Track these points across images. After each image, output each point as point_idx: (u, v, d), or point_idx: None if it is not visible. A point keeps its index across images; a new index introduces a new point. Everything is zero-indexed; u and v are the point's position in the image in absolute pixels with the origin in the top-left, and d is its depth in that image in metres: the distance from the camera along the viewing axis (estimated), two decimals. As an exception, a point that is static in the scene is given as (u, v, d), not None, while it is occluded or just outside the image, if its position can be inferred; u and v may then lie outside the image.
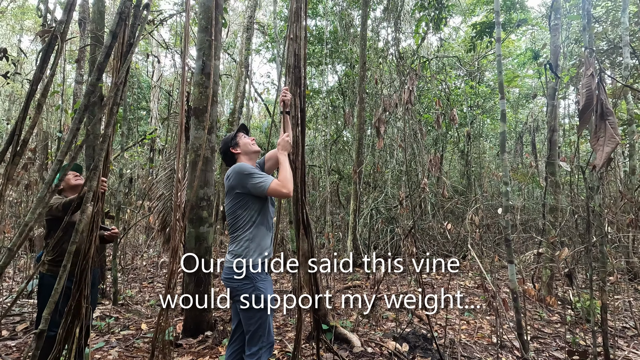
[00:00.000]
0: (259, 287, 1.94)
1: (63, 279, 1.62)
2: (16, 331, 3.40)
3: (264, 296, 1.94)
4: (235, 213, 2.03)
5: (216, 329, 3.39)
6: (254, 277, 1.94)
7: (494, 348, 3.56)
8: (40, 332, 1.52)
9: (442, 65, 10.02)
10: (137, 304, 4.59)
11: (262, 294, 1.94)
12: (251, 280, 1.94)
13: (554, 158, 5.36)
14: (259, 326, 1.94)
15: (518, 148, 11.46)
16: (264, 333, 1.95)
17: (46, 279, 2.38)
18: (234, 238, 2.04)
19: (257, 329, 1.94)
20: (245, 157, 2.14)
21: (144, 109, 14.41)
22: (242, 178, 1.98)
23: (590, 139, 1.38)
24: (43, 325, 1.53)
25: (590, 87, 1.39)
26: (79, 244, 1.72)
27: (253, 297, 1.93)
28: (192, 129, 3.33)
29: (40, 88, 1.83)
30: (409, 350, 3.09)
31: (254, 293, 1.93)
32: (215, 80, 3.33)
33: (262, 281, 1.98)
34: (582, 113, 1.45)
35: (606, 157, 1.36)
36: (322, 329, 2.47)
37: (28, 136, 1.74)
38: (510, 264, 2.85)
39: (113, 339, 3.29)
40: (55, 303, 1.58)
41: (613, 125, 1.34)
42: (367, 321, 4.21)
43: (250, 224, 2.01)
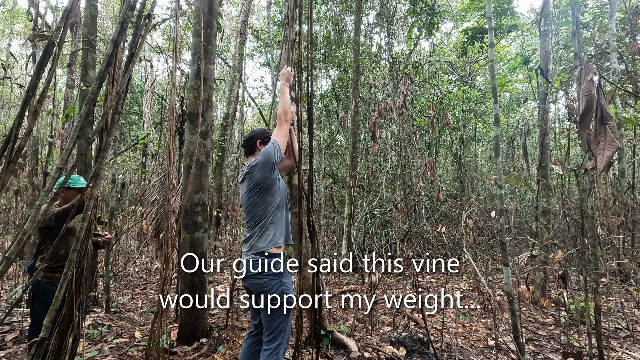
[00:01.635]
0: (285, 283, 2.01)
1: (64, 287, 1.59)
2: (5, 341, 3.31)
3: (288, 293, 2.00)
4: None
5: (211, 335, 3.34)
6: (280, 274, 2.01)
7: (490, 351, 3.57)
8: (41, 340, 1.49)
9: (435, 70, 10.13)
10: (130, 311, 4.51)
11: (287, 290, 2.00)
12: (278, 277, 1.99)
13: (546, 161, 5.43)
14: (282, 321, 1.97)
15: (510, 152, 11.61)
16: (285, 328, 1.98)
17: (41, 286, 2.35)
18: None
19: (279, 325, 1.97)
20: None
21: (136, 113, 14.30)
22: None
23: (590, 144, 1.41)
24: (44, 333, 1.51)
25: (589, 92, 1.41)
26: (73, 253, 1.69)
27: (278, 294, 1.98)
28: (186, 134, 3.31)
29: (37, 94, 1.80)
30: (406, 355, 3.08)
31: (281, 289, 1.98)
32: (210, 84, 3.31)
33: (287, 277, 2.04)
34: (582, 118, 1.47)
35: (607, 160, 1.38)
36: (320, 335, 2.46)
37: (23, 143, 1.71)
38: (506, 266, 2.86)
39: (106, 347, 3.23)
40: (56, 311, 1.55)
41: (613, 130, 1.36)
42: (364, 326, 4.20)
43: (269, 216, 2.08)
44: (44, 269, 2.39)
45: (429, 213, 8.80)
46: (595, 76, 1.54)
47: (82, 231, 1.66)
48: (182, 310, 3.36)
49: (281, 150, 2.04)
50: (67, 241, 2.45)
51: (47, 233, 2.43)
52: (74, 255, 1.60)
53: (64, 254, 2.41)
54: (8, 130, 7.05)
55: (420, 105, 9.82)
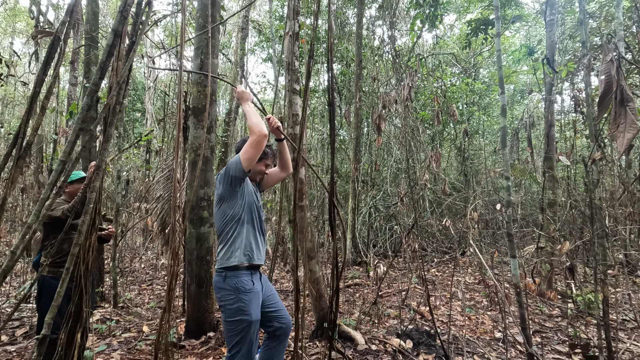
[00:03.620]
0: (243, 300, 1.88)
1: (66, 282, 1.59)
2: (15, 336, 3.35)
3: (243, 314, 1.87)
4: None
5: (218, 329, 3.36)
6: (240, 290, 1.89)
7: (496, 343, 3.57)
8: (43, 338, 1.48)
9: (438, 62, 10.04)
10: (137, 306, 4.55)
11: (244, 309, 1.87)
12: (236, 293, 1.89)
13: (552, 153, 5.38)
14: (239, 339, 1.87)
15: (514, 144, 11.52)
16: (241, 347, 1.86)
17: (46, 281, 2.36)
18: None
19: (235, 341, 1.88)
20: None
21: (138, 110, 14.32)
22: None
23: (609, 126, 1.38)
24: (46, 330, 1.50)
25: (609, 73, 1.38)
26: (75, 247, 1.70)
27: (233, 311, 1.89)
28: (191, 129, 3.30)
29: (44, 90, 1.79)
30: (412, 347, 3.08)
31: (236, 306, 1.88)
32: (214, 79, 3.30)
33: (250, 294, 1.90)
34: (601, 100, 1.44)
35: (627, 143, 1.35)
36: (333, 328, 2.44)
37: (32, 139, 1.71)
38: (513, 258, 2.85)
39: (115, 341, 3.26)
40: (57, 307, 1.55)
41: (633, 112, 1.33)
42: (369, 319, 4.20)
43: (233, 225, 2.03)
44: (49, 264, 2.40)
45: (433, 207, 8.78)
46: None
47: (84, 225, 1.66)
48: (189, 304, 3.38)
49: (249, 162, 1.93)
50: (71, 236, 2.46)
51: (51, 229, 2.44)
52: (76, 249, 1.60)
53: (68, 249, 2.42)
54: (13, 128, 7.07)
55: (424, 98, 9.75)
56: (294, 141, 3.12)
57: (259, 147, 1.91)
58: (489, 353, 3.16)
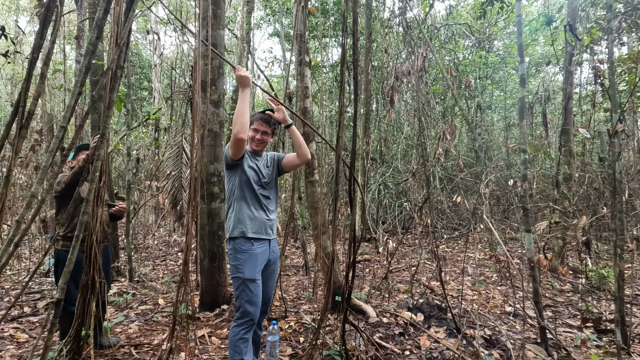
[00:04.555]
0: (239, 259, 2.03)
1: (76, 249, 1.60)
2: (37, 307, 3.48)
3: (238, 272, 2.02)
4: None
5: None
6: (237, 250, 2.05)
7: (507, 317, 3.58)
8: (58, 301, 1.52)
9: (452, 34, 9.64)
10: (152, 281, 4.67)
11: (239, 267, 2.02)
12: (234, 252, 2.06)
13: (569, 126, 5.21)
14: (238, 293, 2.02)
15: (528, 119, 11.19)
16: (242, 303, 2.00)
17: (62, 255, 2.41)
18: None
19: (237, 295, 2.03)
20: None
21: (145, 89, 14.24)
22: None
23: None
24: (59, 294, 1.54)
25: None
26: (86, 218, 1.70)
27: (231, 267, 2.07)
28: (199, 104, 3.24)
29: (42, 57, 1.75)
30: (423, 320, 3.11)
31: (234, 263, 2.04)
32: (221, 51, 3.21)
33: (245, 254, 2.03)
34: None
35: None
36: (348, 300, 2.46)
37: (33, 107, 1.68)
38: (528, 233, 2.80)
39: (132, 313, 3.36)
40: (70, 273, 1.57)
41: None
42: (379, 293, 4.25)
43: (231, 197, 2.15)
44: (62, 237, 2.44)
45: (443, 183, 8.68)
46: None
47: (91, 193, 1.65)
48: (202, 278, 3.44)
49: (234, 154, 2.03)
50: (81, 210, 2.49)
51: (62, 202, 2.46)
52: (84, 217, 1.60)
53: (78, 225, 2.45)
54: (22, 106, 7.00)
55: (436, 72, 9.45)
56: (304, 115, 3.06)
57: (236, 147, 1.99)
58: (499, 326, 3.17)
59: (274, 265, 2.22)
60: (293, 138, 2.21)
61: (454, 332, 2.91)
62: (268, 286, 2.20)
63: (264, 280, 2.15)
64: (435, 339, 2.72)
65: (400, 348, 2.60)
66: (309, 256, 5.47)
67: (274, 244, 2.21)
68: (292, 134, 2.20)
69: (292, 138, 2.21)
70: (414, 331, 2.89)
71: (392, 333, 2.84)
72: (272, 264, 2.19)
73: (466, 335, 2.87)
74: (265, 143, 2.21)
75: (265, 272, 2.16)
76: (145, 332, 2.95)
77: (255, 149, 2.19)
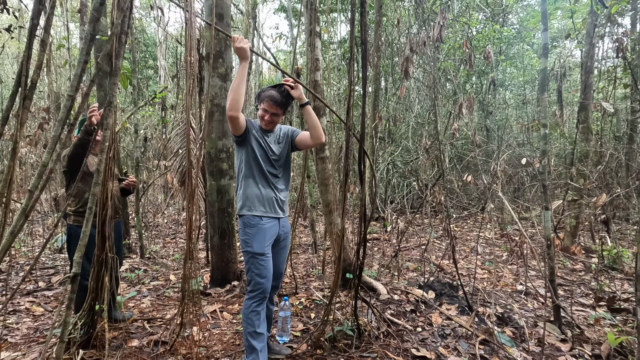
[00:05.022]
0: (247, 234, 2.02)
1: (90, 222, 1.58)
2: (52, 282, 3.54)
3: (246, 246, 2.02)
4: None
5: (242, 279, 3.45)
6: (246, 225, 2.03)
7: (518, 295, 3.55)
8: (74, 276, 1.51)
9: (465, 6, 9.24)
10: (162, 258, 4.72)
11: (248, 242, 2.01)
12: (243, 227, 2.04)
13: (589, 102, 5.01)
14: (248, 267, 2.01)
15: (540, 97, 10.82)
16: (252, 276, 2.00)
17: (73, 230, 2.41)
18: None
19: (247, 269, 2.03)
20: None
21: (151, 67, 14.06)
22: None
23: None
24: (76, 268, 1.53)
25: None
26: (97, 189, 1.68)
27: (241, 241, 2.07)
28: (206, 78, 3.15)
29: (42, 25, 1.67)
30: (435, 298, 3.09)
31: (242, 238, 2.04)
32: (228, 21, 3.08)
33: (253, 229, 2.02)
34: None
35: None
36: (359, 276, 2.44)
37: (36, 77, 1.61)
38: (546, 210, 2.72)
39: (144, 289, 3.40)
40: (84, 246, 1.56)
41: None
42: (388, 271, 4.24)
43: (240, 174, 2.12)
44: (73, 212, 2.43)
45: (453, 162, 8.54)
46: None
47: (102, 164, 1.61)
48: (212, 255, 3.44)
49: (234, 131, 1.99)
50: (91, 184, 2.47)
51: (71, 177, 2.44)
52: (97, 189, 1.57)
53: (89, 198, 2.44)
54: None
55: (448, 47, 9.12)
56: (314, 89, 2.95)
57: (231, 124, 1.95)
58: (511, 304, 3.14)
59: (285, 241, 2.19)
60: (307, 118, 2.10)
61: (466, 309, 2.89)
62: (279, 261, 2.17)
63: (275, 255, 2.13)
64: (447, 316, 2.71)
65: (412, 325, 2.59)
66: (318, 234, 5.46)
67: (285, 221, 2.17)
68: (307, 114, 2.09)
69: (306, 118, 2.10)
70: (426, 308, 2.88)
71: (404, 310, 2.82)
72: (282, 240, 2.15)
73: (478, 312, 2.85)
74: (274, 123, 2.12)
75: (276, 247, 2.13)
76: (158, 306, 2.99)
77: (264, 128, 2.11)
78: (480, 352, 2.16)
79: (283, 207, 2.13)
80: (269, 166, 2.07)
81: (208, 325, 2.59)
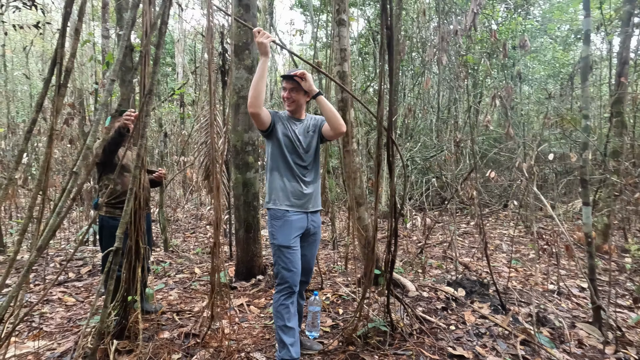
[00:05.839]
0: (274, 226, 2.01)
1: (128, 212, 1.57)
2: (81, 273, 3.59)
3: (273, 239, 2.01)
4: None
5: (267, 273, 3.42)
6: (274, 217, 2.02)
7: (550, 294, 3.42)
8: (117, 249, 1.59)
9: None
10: (184, 252, 4.75)
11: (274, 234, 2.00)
12: (271, 219, 2.04)
13: (624, 94, 4.79)
14: (275, 260, 2.00)
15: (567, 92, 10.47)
16: (279, 269, 1.97)
17: (105, 221, 2.43)
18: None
19: (274, 262, 2.02)
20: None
21: (168, 65, 14.22)
22: None
23: None
24: (118, 243, 1.61)
25: None
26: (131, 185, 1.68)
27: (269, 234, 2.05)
28: (232, 70, 3.12)
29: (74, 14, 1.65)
30: (465, 296, 3.00)
31: (270, 230, 2.03)
32: (254, 12, 3.04)
33: (279, 220, 2.00)
34: None
35: None
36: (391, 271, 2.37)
37: (70, 65, 1.60)
38: (586, 206, 2.59)
39: (170, 281, 3.41)
40: (126, 224, 1.61)
41: None
42: (411, 268, 4.16)
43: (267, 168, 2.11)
44: (105, 204, 2.45)
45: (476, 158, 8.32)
46: None
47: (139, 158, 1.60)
48: (237, 248, 3.43)
49: (258, 126, 1.98)
50: (123, 176, 2.48)
51: (103, 169, 2.46)
52: (137, 171, 1.56)
53: (121, 190, 2.46)
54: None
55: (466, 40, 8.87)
56: (342, 80, 2.88)
57: (254, 120, 1.94)
58: (546, 304, 3.02)
59: (314, 236, 2.13)
60: (322, 109, 1.99)
61: (499, 308, 2.79)
62: (309, 256, 2.12)
63: (304, 249, 2.07)
64: (480, 315, 2.62)
65: (444, 322, 2.51)
66: (338, 230, 5.40)
67: (315, 215, 2.10)
68: (320, 105, 1.99)
69: (321, 109, 1.99)
70: (456, 306, 2.79)
71: (434, 307, 2.75)
72: (311, 234, 2.09)
73: (511, 311, 2.74)
74: (295, 101, 2.03)
75: (305, 241, 2.08)
76: (185, 299, 2.99)
77: (288, 109, 2.06)
78: (521, 353, 2.07)
79: (312, 201, 2.06)
80: (295, 157, 2.01)
81: (236, 319, 2.57)
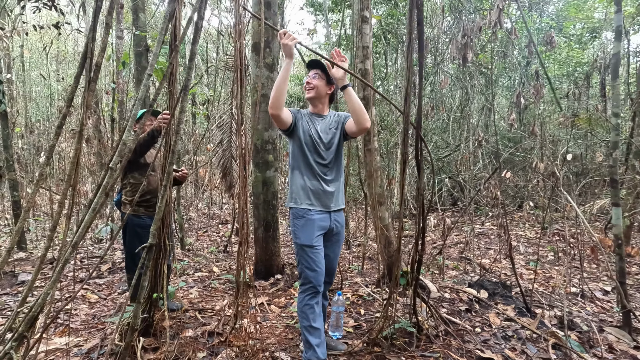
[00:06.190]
0: (296, 225, 2.00)
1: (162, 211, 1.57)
2: (101, 271, 3.62)
3: (295, 238, 1.99)
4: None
5: (285, 272, 3.41)
6: (297, 217, 2.01)
7: (574, 297, 3.35)
8: (150, 246, 1.63)
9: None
10: (198, 250, 4.76)
11: (296, 233, 1.98)
12: (294, 219, 2.02)
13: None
14: (299, 260, 1.98)
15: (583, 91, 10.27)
16: (302, 269, 1.95)
17: (130, 219, 2.44)
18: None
19: (298, 262, 2.00)
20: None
21: (180, 65, 14.31)
22: None
23: None
24: (152, 239, 1.62)
25: None
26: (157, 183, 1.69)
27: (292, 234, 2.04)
28: (251, 67, 3.12)
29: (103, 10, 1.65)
30: (488, 297, 2.95)
31: (292, 229, 2.02)
32: (275, 10, 3.02)
33: (302, 220, 1.98)
34: None
35: None
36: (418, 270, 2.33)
37: (100, 60, 1.60)
38: (616, 206, 2.53)
39: (190, 279, 3.42)
40: (160, 220, 1.64)
41: None
42: (428, 269, 4.11)
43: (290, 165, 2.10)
44: (130, 203, 2.46)
45: (490, 158, 8.23)
46: None
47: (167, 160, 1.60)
48: (257, 248, 3.42)
49: (279, 126, 1.98)
50: (148, 176, 2.49)
51: (128, 168, 2.47)
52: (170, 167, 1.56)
53: (146, 188, 2.46)
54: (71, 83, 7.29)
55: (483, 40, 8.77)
56: (364, 78, 2.86)
57: (274, 120, 1.94)
58: (571, 307, 2.95)
59: (337, 236, 2.09)
60: (349, 102, 1.92)
61: (524, 311, 2.73)
62: (331, 256, 2.09)
63: (327, 249, 2.04)
64: (506, 317, 2.56)
65: (470, 324, 2.46)
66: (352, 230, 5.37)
67: (338, 214, 2.06)
68: (347, 97, 1.93)
69: (348, 102, 1.93)
70: (480, 308, 2.74)
71: (458, 309, 2.70)
72: (335, 234, 2.05)
73: (536, 314, 2.68)
74: (314, 88, 1.98)
75: (329, 241, 2.05)
76: (206, 297, 2.99)
77: (307, 96, 2.03)
78: (553, 357, 2.02)
79: (334, 199, 2.01)
80: (315, 155, 1.97)
81: (258, 318, 2.56)
